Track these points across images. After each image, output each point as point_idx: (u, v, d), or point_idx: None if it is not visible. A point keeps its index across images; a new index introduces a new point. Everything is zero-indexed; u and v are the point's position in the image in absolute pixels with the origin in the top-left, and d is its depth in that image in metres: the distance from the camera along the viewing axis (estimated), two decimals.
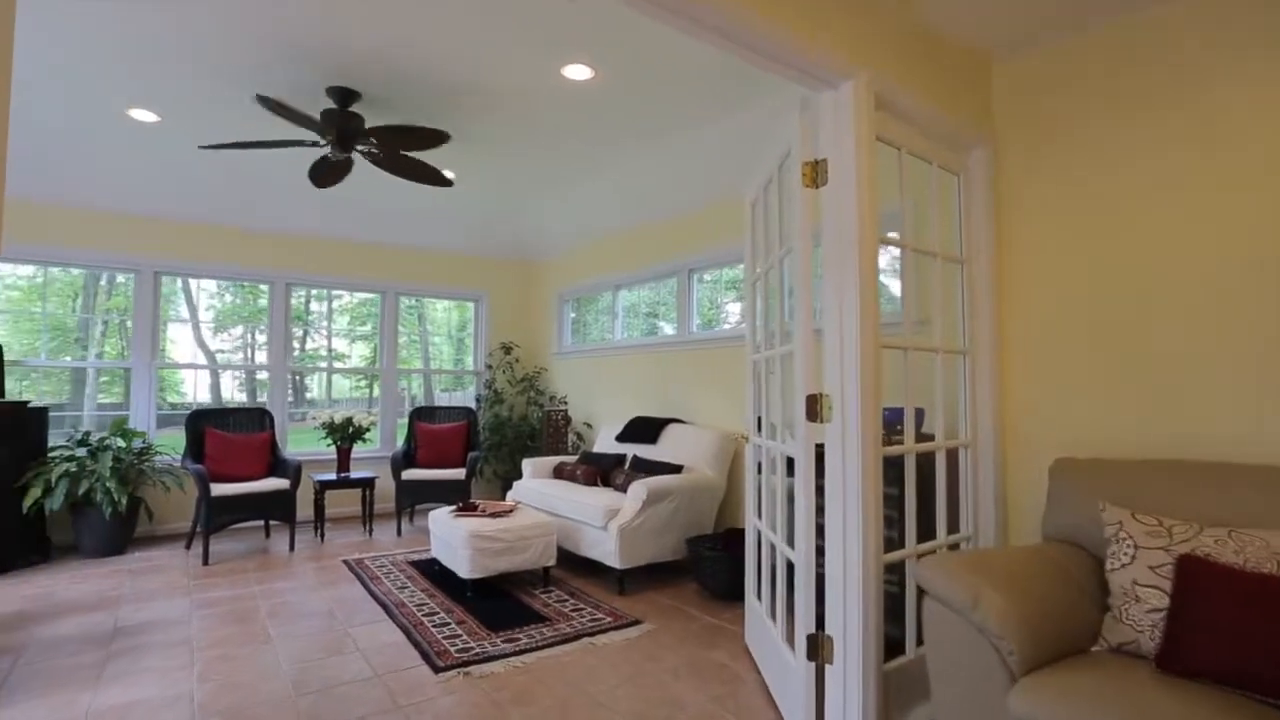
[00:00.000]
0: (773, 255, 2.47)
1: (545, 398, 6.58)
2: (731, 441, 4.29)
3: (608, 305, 6.06)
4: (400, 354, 7.93)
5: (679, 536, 3.95)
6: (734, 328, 4.75)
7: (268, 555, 4.49)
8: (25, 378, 5.21)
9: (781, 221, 2.42)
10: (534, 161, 4.67)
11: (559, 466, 4.94)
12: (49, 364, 5.04)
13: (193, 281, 6.39)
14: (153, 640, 3.01)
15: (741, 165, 3.86)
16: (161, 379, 8.52)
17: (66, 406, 5.52)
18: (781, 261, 2.39)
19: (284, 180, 5.05)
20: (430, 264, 6.39)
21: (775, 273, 2.43)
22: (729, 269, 4.88)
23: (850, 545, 1.97)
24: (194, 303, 7.29)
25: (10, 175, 4.49)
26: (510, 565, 3.65)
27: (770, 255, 2.52)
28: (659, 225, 5.25)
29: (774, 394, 2.50)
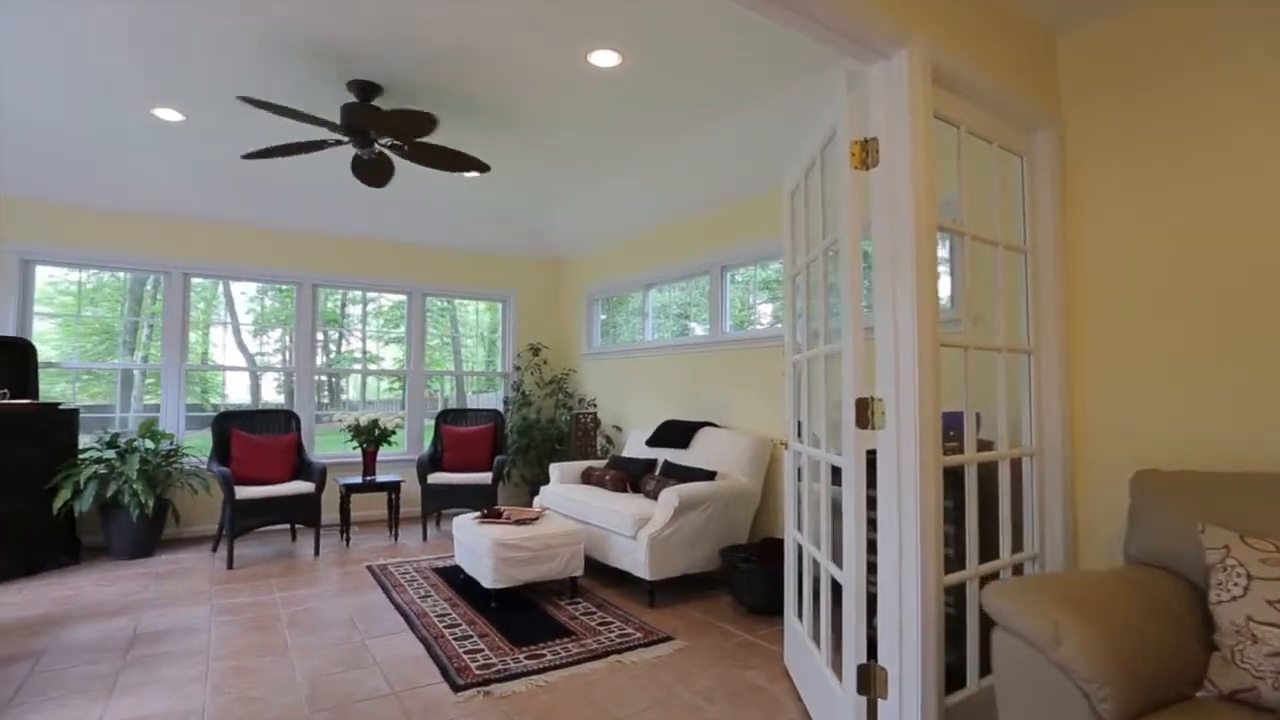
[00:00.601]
0: (815, 247, 2.27)
1: (574, 400, 6.44)
2: (767, 446, 4.08)
3: (638, 306, 5.90)
4: (432, 356, 7.89)
5: (712, 547, 3.76)
6: (769, 327, 4.54)
7: (292, 560, 4.42)
8: (77, 379, 5.38)
9: (825, 209, 2.23)
10: (561, 156, 4.53)
11: (587, 472, 4.79)
12: (80, 365, 5.07)
13: (233, 285, 6.42)
14: (170, 649, 2.94)
15: (779, 154, 3.66)
16: (204, 381, 8.67)
17: (114, 408, 5.54)
18: (826, 253, 2.19)
19: (311, 181, 5.01)
20: (457, 263, 6.31)
21: (819, 265, 2.23)
22: (763, 267, 4.67)
23: (907, 566, 1.76)
24: (234, 306, 7.38)
25: (41, 179, 4.52)
26: (536, 575, 3.50)
27: (813, 247, 2.33)
28: (690, 221, 5.06)
29: (817, 397, 2.30)
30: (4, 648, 2.94)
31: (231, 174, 4.83)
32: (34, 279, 4.67)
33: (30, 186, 4.53)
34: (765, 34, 2.91)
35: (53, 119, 3.93)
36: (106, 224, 4.81)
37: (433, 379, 8.30)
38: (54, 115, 3.88)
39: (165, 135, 4.17)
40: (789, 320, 2.71)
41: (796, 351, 2.65)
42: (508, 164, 4.69)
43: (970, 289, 2.05)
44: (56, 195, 4.62)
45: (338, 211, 5.48)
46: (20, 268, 4.56)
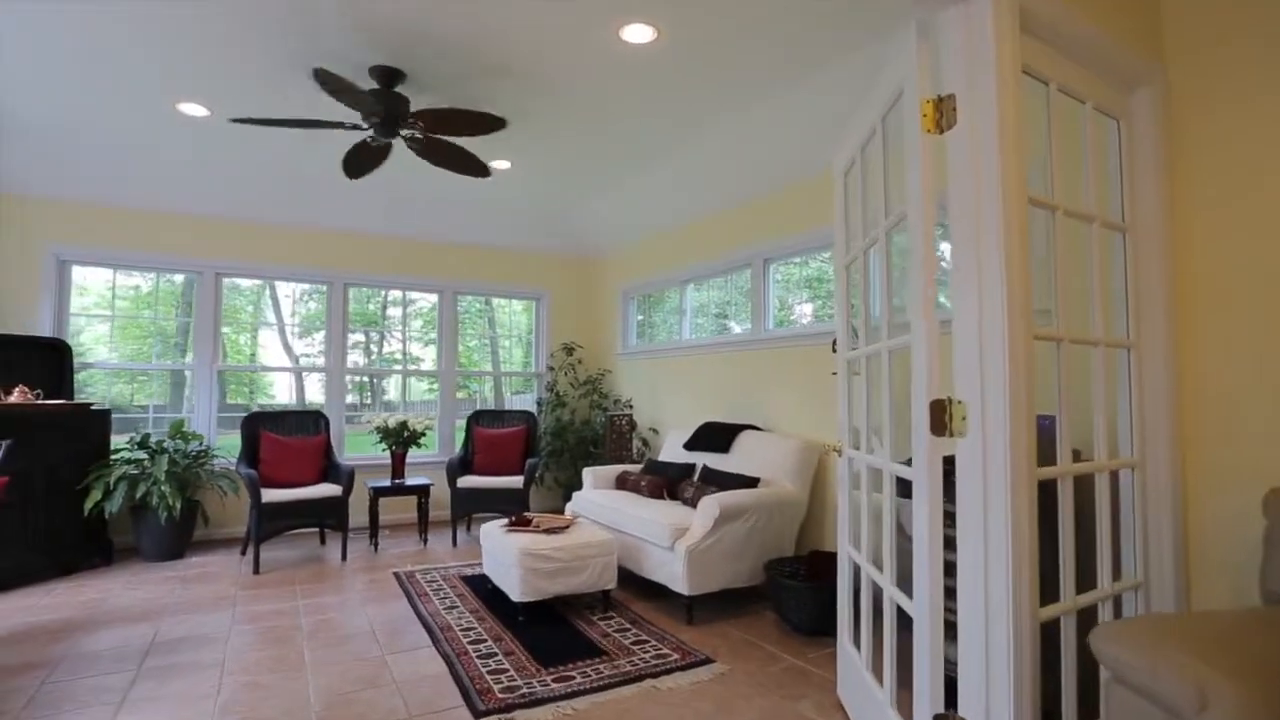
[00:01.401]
0: (875, 229, 1.99)
1: (609, 401, 6.23)
2: (815, 451, 3.79)
3: (674, 305, 5.65)
4: (471, 357, 7.79)
5: (755, 560, 3.49)
6: (814, 323, 4.24)
7: (319, 565, 4.31)
8: (134, 381, 5.43)
9: (887, 185, 1.95)
10: (593, 147, 4.32)
11: (622, 476, 4.57)
12: (115, 365, 5.07)
13: (279, 289, 6.42)
14: (185, 659, 2.82)
15: (827, 135, 3.38)
16: (251, 381, 8.79)
17: (166, 408, 5.55)
18: (887, 234, 1.92)
19: (340, 179, 4.90)
20: (489, 262, 6.17)
21: (879, 249, 1.96)
22: (805, 264, 4.38)
23: (995, 597, 1.48)
24: (279, 308, 7.43)
25: (75, 179, 4.51)
26: (565, 588, 3.29)
27: (871, 229, 2.05)
28: (729, 212, 4.80)
29: (877, 398, 2.03)
30: (23, 655, 2.86)
31: (261, 173, 4.77)
32: (70, 279, 4.67)
33: (64, 187, 4.53)
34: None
35: (82, 119, 3.90)
36: (139, 224, 4.79)
37: (471, 380, 8.23)
38: (82, 115, 3.84)
39: (193, 133, 4.11)
40: (841, 313, 2.43)
41: (851, 347, 2.37)
42: (538, 159, 4.50)
43: (1062, 274, 1.75)
44: (90, 196, 4.62)
45: (369, 210, 5.39)
46: (57, 268, 4.57)
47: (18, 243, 4.46)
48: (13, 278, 4.44)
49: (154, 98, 3.65)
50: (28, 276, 4.48)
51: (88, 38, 3.06)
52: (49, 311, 4.51)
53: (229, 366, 5.43)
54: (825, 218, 3.93)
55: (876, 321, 2.14)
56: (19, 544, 3.83)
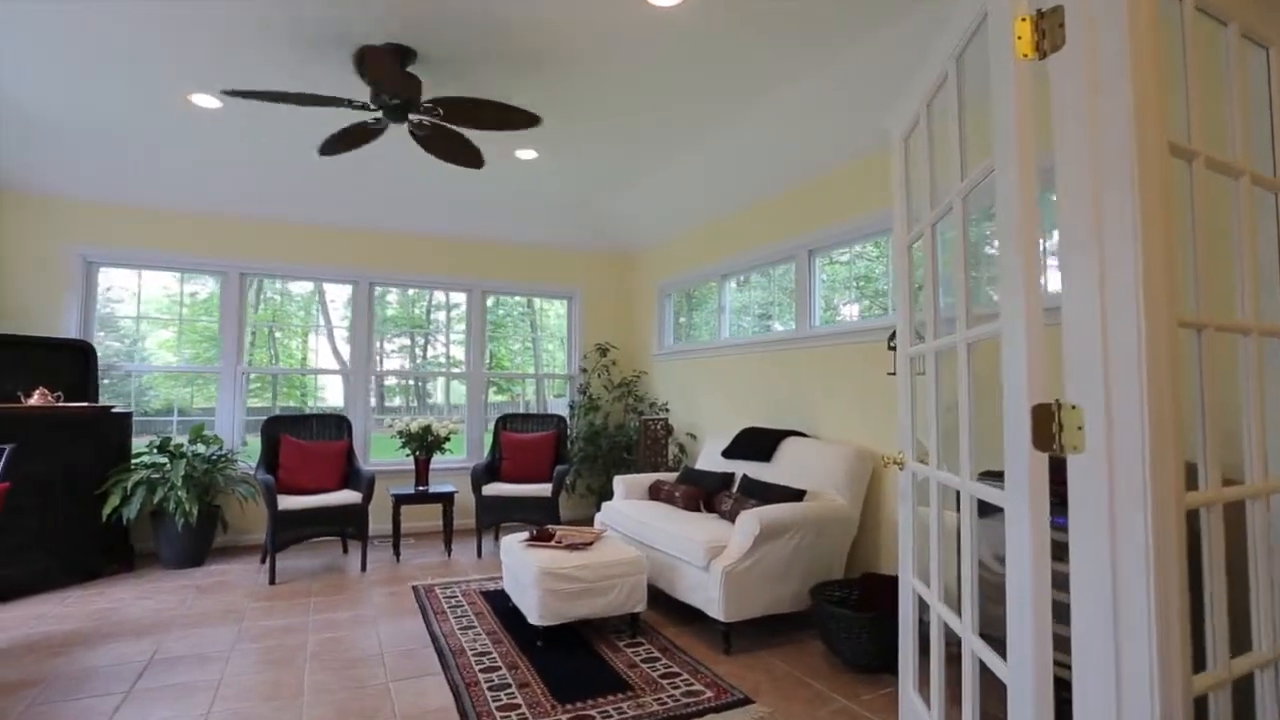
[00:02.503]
0: (949, 194, 1.62)
1: (644, 405, 5.92)
2: (867, 461, 3.40)
3: (713, 305, 5.30)
4: (514, 360, 7.60)
5: (800, 582, 3.12)
6: (865, 318, 3.84)
7: (337, 575, 4.11)
8: (190, 384, 5.43)
9: (964, 139, 1.59)
10: (625, 133, 4.01)
11: (655, 486, 4.25)
12: (143, 368, 5.00)
13: (328, 292, 6.32)
14: (179, 681, 2.62)
15: (878, 106, 3.01)
16: (303, 384, 8.82)
17: (217, 411, 5.48)
18: (964, 199, 1.55)
19: (365, 176, 4.74)
20: (519, 259, 5.93)
21: (955, 218, 1.59)
22: (853, 261, 3.98)
23: (1132, 663, 1.10)
24: (327, 311, 7.39)
25: (98, 180, 4.45)
26: (589, 611, 2.98)
27: (943, 197, 1.68)
28: (771, 202, 4.43)
29: (952, 401, 1.66)
30: (20, 669, 2.72)
31: (284, 171, 4.62)
32: (96, 281, 4.61)
33: (90, 188, 4.48)
34: None
35: (99, 117, 3.80)
36: (164, 224, 4.71)
37: (514, 382, 8.06)
38: (99, 113, 3.74)
39: (213, 130, 4.00)
40: (903, 301, 2.06)
41: (915, 341, 2.00)
42: (566, 146, 4.22)
43: (1203, 242, 1.35)
44: (114, 197, 4.56)
45: (394, 207, 5.21)
46: (84, 270, 4.51)
47: (45, 244, 4.42)
48: (40, 279, 4.40)
49: (165, 91, 3.51)
50: (55, 278, 4.44)
51: (97, 31, 2.95)
52: (75, 313, 4.46)
53: (254, 369, 5.31)
54: (877, 201, 3.54)
55: (949, 310, 1.76)
56: (38, 550, 3.75)
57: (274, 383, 10.36)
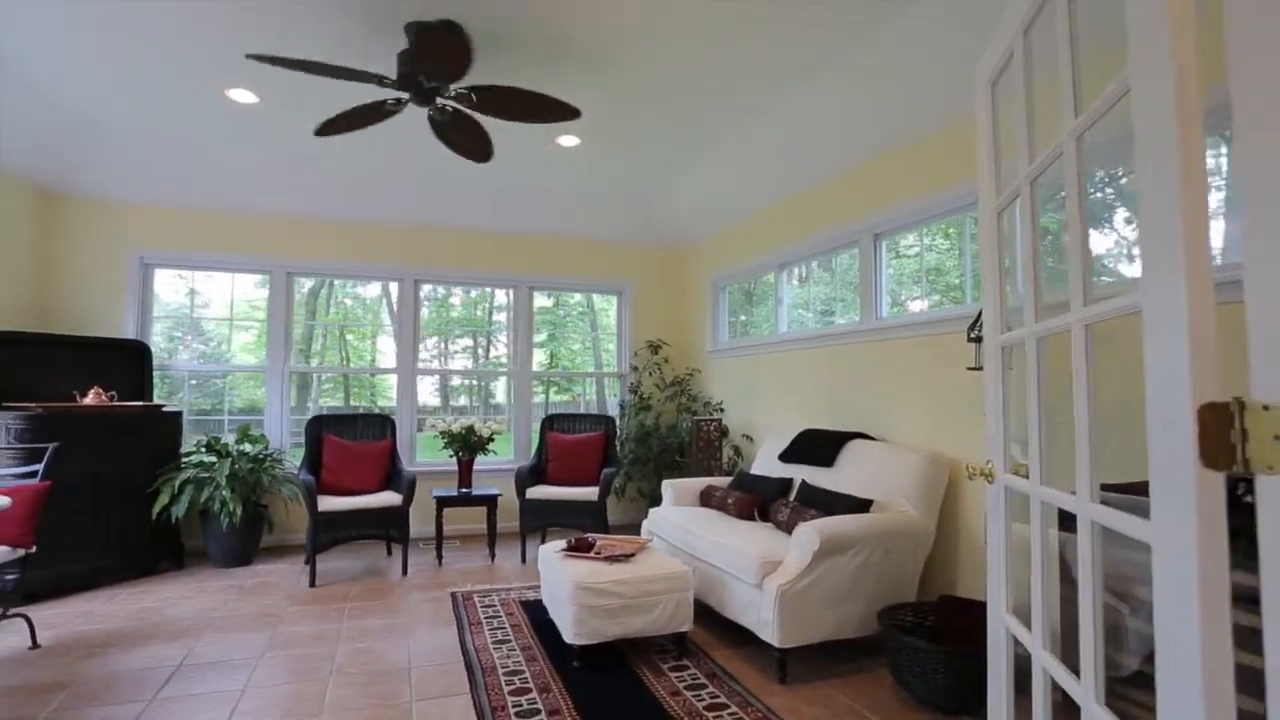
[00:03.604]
0: (1059, 138, 1.28)
1: (698, 404, 5.62)
2: (943, 468, 3.01)
3: (771, 298, 4.96)
4: (573, 360, 7.49)
5: (867, 605, 2.77)
6: (940, 308, 3.43)
7: (377, 579, 4.01)
8: (264, 384, 5.59)
9: (1076, 68, 1.24)
10: (673, 116, 3.73)
11: (707, 491, 3.96)
12: (192, 368, 5.05)
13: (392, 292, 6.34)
14: (201, 691, 2.51)
15: (955, 64, 2.63)
16: (373, 385, 8.99)
17: (266, 410, 5.58)
18: (1078, 140, 1.20)
19: (406, 169, 4.65)
20: (567, 253, 5.74)
21: (1068, 164, 1.24)
22: (921, 255, 3.57)
23: None
24: (394, 312, 7.46)
25: (152, 183, 4.50)
26: (627, 630, 2.72)
27: (1046, 146, 1.34)
28: (831, 184, 4.06)
29: (1059, 400, 1.31)
30: (54, 670, 2.69)
31: (327, 169, 4.58)
32: (153, 282, 4.68)
33: (144, 191, 4.54)
34: None
35: (147, 119, 3.81)
36: (212, 225, 4.75)
37: (574, 381, 7.95)
38: (147, 114, 3.75)
39: (255, 131, 3.99)
40: (992, 280, 1.70)
41: (1008, 327, 1.64)
42: (610, 129, 3.98)
43: None
44: (166, 199, 4.61)
45: (437, 202, 5.11)
46: (140, 271, 4.59)
47: (104, 248, 4.51)
48: (99, 282, 4.49)
49: (203, 84, 3.47)
50: (114, 280, 4.52)
51: (140, 31, 2.94)
52: (133, 314, 4.53)
53: (303, 368, 5.30)
54: (950, 176, 3.15)
55: (1053, 286, 1.42)
56: (91, 547, 3.78)
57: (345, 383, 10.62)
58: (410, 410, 5.23)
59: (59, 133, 3.92)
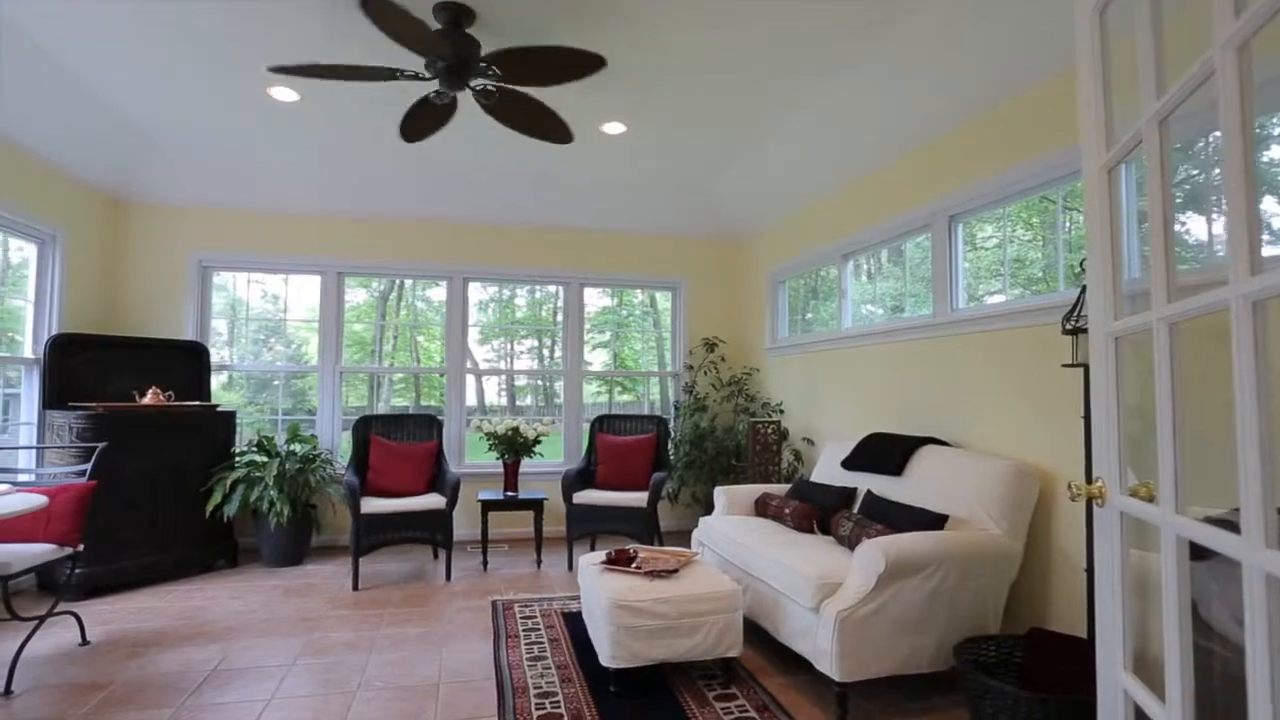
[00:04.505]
0: (1209, 60, 0.95)
1: (756, 405, 5.32)
2: (1031, 479, 2.63)
3: (834, 292, 4.60)
4: (638, 360, 7.33)
5: (941, 635, 2.43)
6: (1023, 297, 3.01)
7: (420, 584, 3.91)
8: (348, 383, 5.74)
9: None
10: (724, 94, 3.47)
11: (762, 500, 3.67)
12: (247, 367, 5.13)
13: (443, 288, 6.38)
14: (228, 700, 2.44)
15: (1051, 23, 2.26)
16: (440, 385, 9.20)
17: (317, 410, 5.67)
18: (1239, 47, 0.88)
19: (452, 164, 4.56)
20: (619, 248, 5.54)
21: (1222, 83, 0.92)
22: (1010, 234, 3.16)
23: None
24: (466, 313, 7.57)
25: (207, 186, 4.57)
26: (669, 653, 2.48)
27: (1176, 78, 1.01)
28: (899, 163, 3.69)
29: (1240, 399, 0.99)
30: (94, 670, 2.69)
31: (376, 167, 4.55)
32: (211, 284, 4.77)
33: (198, 195, 4.62)
34: None
35: (195, 121, 3.86)
36: (264, 226, 4.80)
37: (638, 381, 7.79)
38: (194, 116, 3.79)
39: (300, 132, 3.99)
40: (1101, 255, 1.37)
41: (1122, 314, 1.31)
42: (657, 115, 3.75)
43: None
44: (222, 201, 4.68)
45: (487, 200, 5.01)
46: (199, 273, 4.68)
47: (165, 251, 4.63)
48: (161, 283, 4.61)
49: (247, 87, 3.46)
50: (174, 282, 4.63)
51: (181, 31, 2.96)
52: (192, 316, 4.63)
53: (351, 368, 5.31)
54: (1031, 149, 2.75)
55: (1188, 258, 1.09)
56: (149, 544, 3.85)
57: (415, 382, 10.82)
58: (459, 410, 5.15)
59: (120, 140, 4.02)
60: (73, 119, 3.69)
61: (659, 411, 5.81)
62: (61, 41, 3.07)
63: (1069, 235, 2.92)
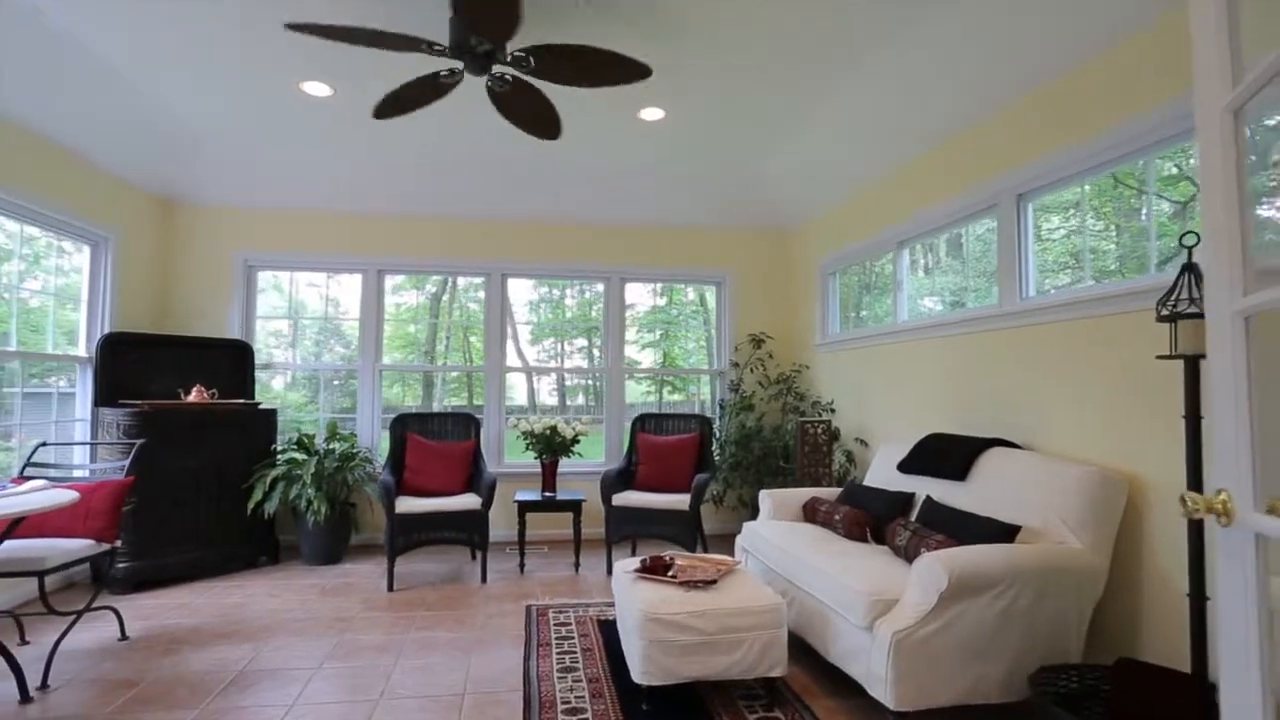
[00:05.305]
0: None
1: (806, 403, 5.06)
2: (1118, 487, 2.32)
3: (889, 286, 4.31)
4: (689, 359, 7.16)
5: (1012, 663, 2.16)
6: (1103, 283, 2.68)
7: (455, 586, 3.82)
8: (399, 382, 5.77)
9: None
10: (766, 71, 3.25)
11: (811, 504, 3.44)
12: (292, 366, 5.17)
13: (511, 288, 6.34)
14: (251, 703, 2.38)
15: None
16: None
17: (357, 408, 5.72)
18: None
19: (490, 163, 4.49)
20: (659, 242, 5.36)
21: None
22: (1079, 224, 2.82)
23: None
24: (512, 312, 7.55)
25: (249, 187, 4.61)
26: (705, 671, 2.29)
27: None
28: (959, 141, 3.39)
29: None
30: (129, 667, 2.69)
31: (414, 164, 4.51)
32: (256, 283, 4.82)
33: (243, 195, 4.67)
34: None
35: (233, 120, 3.87)
36: (306, 225, 4.82)
37: (688, 380, 7.62)
38: (231, 115, 3.80)
39: (338, 130, 3.98)
40: (1226, 214, 1.11)
41: (1251, 289, 1.06)
42: (698, 100, 3.55)
43: None
44: (263, 201, 4.72)
45: (525, 194, 4.90)
46: (245, 273, 4.73)
47: (212, 250, 4.70)
48: (207, 283, 4.68)
49: (279, 83, 3.44)
50: (221, 282, 4.69)
51: (212, 25, 2.95)
52: (238, 315, 4.68)
53: (389, 366, 5.29)
54: (1113, 115, 2.44)
55: None
56: (193, 540, 3.89)
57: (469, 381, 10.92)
58: (498, 409, 5.06)
59: (168, 143, 4.08)
60: (124, 124, 3.76)
61: (709, 411, 5.61)
62: (114, 47, 3.12)
63: (1155, 216, 2.59)
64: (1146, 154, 2.49)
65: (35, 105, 3.32)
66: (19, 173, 3.40)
